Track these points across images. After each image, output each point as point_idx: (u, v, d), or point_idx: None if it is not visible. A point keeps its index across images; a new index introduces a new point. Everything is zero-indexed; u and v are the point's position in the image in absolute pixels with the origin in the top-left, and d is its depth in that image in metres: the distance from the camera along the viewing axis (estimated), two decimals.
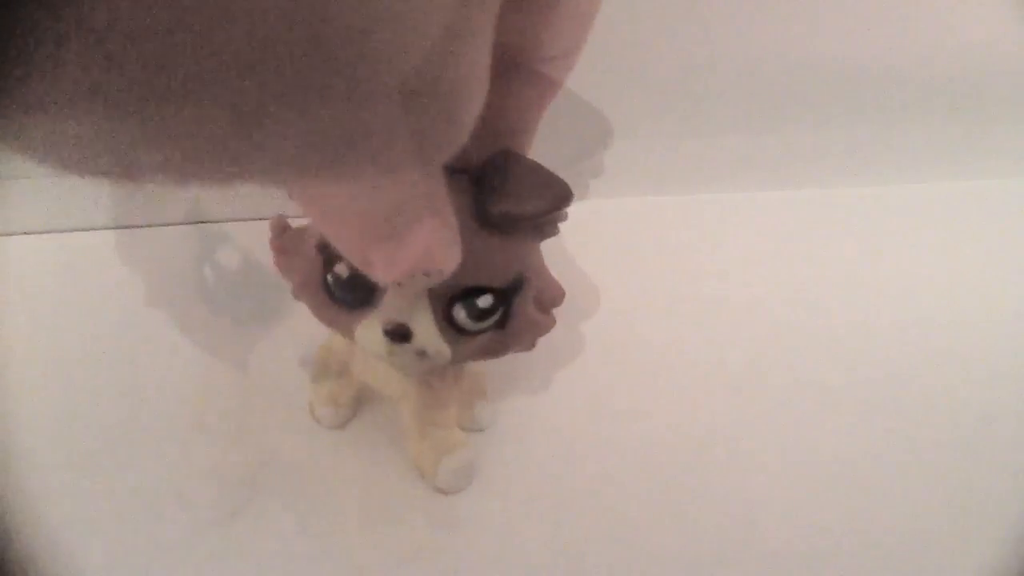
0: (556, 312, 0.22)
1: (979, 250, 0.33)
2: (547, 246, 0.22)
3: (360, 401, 0.26)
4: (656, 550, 0.23)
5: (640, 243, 0.32)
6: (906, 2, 0.30)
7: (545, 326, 0.22)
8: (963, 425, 0.27)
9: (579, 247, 0.31)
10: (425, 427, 0.24)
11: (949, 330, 0.30)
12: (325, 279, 0.20)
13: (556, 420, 0.26)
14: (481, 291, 0.19)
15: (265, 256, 0.22)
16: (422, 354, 0.19)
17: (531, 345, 0.22)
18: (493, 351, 0.21)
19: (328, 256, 0.19)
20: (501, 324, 0.20)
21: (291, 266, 0.21)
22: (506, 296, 0.20)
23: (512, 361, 0.26)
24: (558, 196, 0.19)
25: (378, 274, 0.17)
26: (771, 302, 0.30)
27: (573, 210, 0.21)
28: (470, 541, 0.23)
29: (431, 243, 0.17)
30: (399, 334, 0.19)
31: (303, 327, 0.24)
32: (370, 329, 0.19)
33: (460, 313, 0.19)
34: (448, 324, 0.19)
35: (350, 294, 0.20)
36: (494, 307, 0.19)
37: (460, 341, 0.20)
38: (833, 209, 0.34)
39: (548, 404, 0.27)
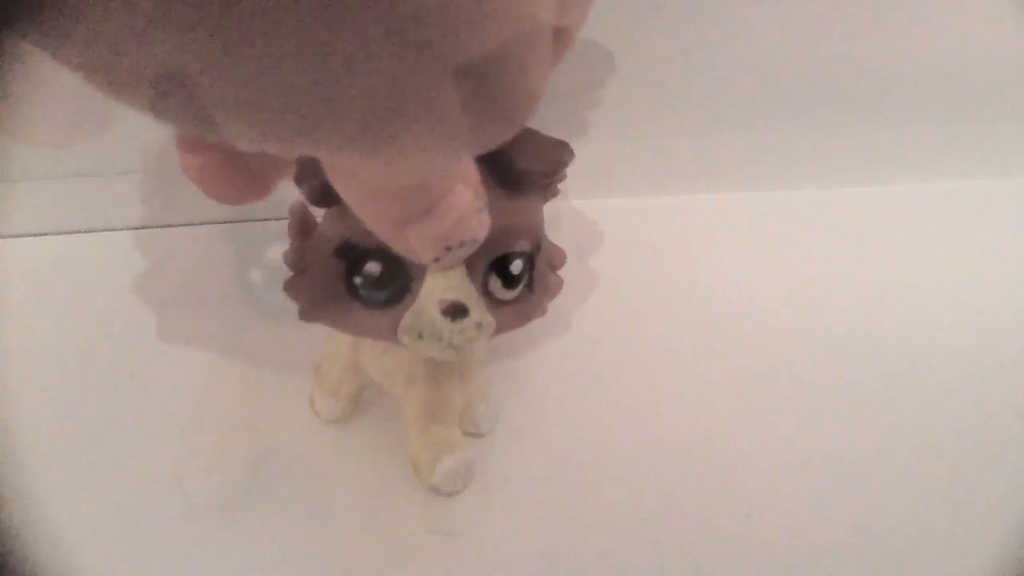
0: (556, 312, 0.22)
1: (979, 250, 0.33)
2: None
3: (360, 396, 0.26)
4: (657, 556, 0.23)
5: (640, 243, 0.32)
6: (906, 3, 0.30)
7: (557, 287, 0.22)
8: (963, 425, 0.27)
9: (579, 247, 0.31)
10: (427, 424, 0.24)
11: (949, 330, 0.30)
12: (351, 284, 0.20)
13: (556, 425, 0.26)
14: (511, 258, 0.20)
15: (264, 256, 0.22)
16: (479, 327, 0.20)
17: (545, 310, 0.22)
18: (525, 316, 0.21)
19: (353, 258, 0.19)
20: (530, 288, 0.21)
21: (301, 285, 0.21)
22: (532, 259, 0.20)
23: (512, 366, 0.26)
24: (567, 151, 0.20)
25: (416, 251, 0.17)
26: (771, 302, 0.30)
27: (573, 210, 0.21)
28: (466, 544, 0.23)
29: (464, 212, 0.17)
30: (457, 309, 0.19)
31: (303, 324, 0.24)
32: (422, 316, 0.19)
33: (496, 283, 0.20)
34: (487, 296, 0.20)
35: (384, 290, 0.19)
36: (523, 272, 0.20)
37: (499, 311, 0.20)
38: (833, 209, 0.34)
39: (548, 409, 0.27)
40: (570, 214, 0.32)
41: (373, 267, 0.19)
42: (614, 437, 0.26)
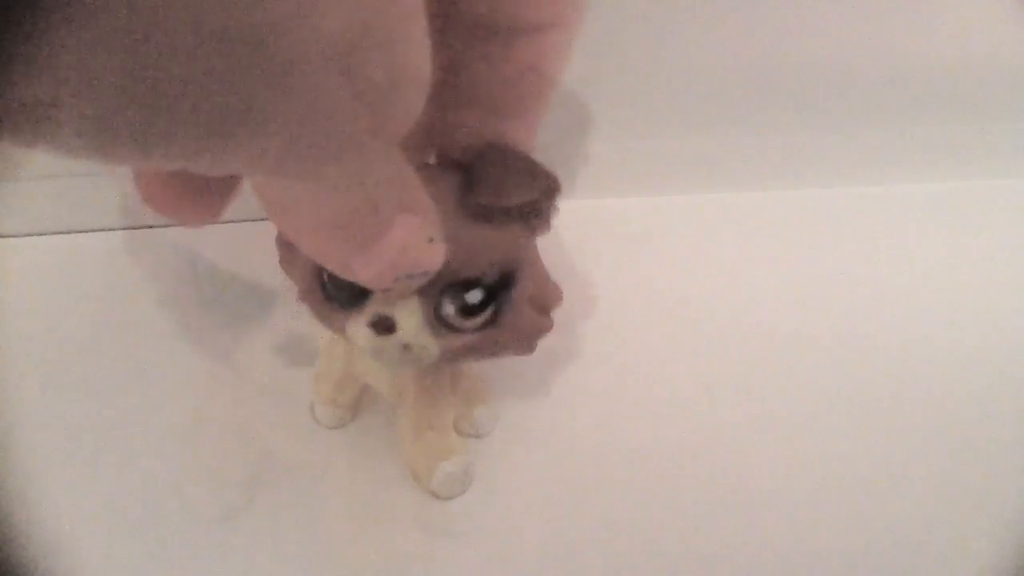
0: (555, 313, 0.22)
1: (979, 250, 0.33)
2: (546, 246, 0.22)
3: (360, 402, 0.26)
4: (656, 559, 0.23)
5: (640, 243, 0.32)
6: (906, 2, 0.30)
7: (543, 328, 0.21)
8: (963, 425, 0.27)
9: (578, 247, 0.31)
10: (421, 431, 0.24)
11: (949, 330, 0.30)
12: (322, 280, 0.20)
13: (555, 426, 0.26)
14: (470, 286, 0.19)
15: (264, 256, 0.22)
16: (407, 348, 0.19)
17: (530, 348, 0.21)
18: (487, 350, 0.20)
19: None
20: (493, 322, 0.20)
21: (293, 273, 0.21)
22: (496, 292, 0.19)
23: (511, 366, 0.26)
24: (544, 187, 0.19)
25: (366, 279, 0.17)
26: (771, 302, 0.30)
27: (572, 210, 0.20)
28: (466, 548, 0.23)
29: (409, 243, 0.16)
30: (383, 326, 0.19)
31: (303, 327, 0.24)
32: (358, 323, 0.19)
33: (448, 308, 0.19)
34: (437, 319, 0.19)
35: (342, 292, 0.20)
36: (484, 303, 0.19)
37: (449, 337, 0.19)
38: (833, 209, 0.34)
39: (547, 410, 0.27)
40: (570, 214, 0.32)
41: None
42: (614, 438, 0.26)
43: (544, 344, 0.22)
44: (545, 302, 0.21)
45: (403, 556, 0.23)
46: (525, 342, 0.21)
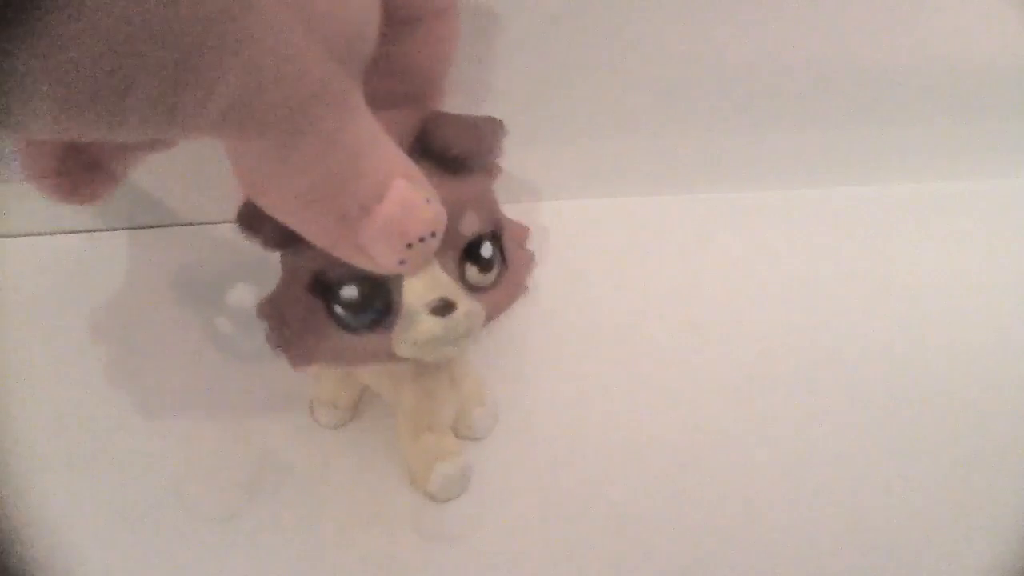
0: (554, 314, 0.22)
1: (979, 250, 0.33)
2: (547, 247, 0.22)
3: (360, 403, 0.26)
4: (655, 560, 0.23)
5: (638, 243, 0.32)
6: (906, 2, 0.30)
7: (529, 261, 0.22)
8: (963, 425, 0.27)
9: (577, 247, 0.31)
10: (419, 432, 0.24)
11: (949, 330, 0.30)
12: (335, 316, 0.19)
13: (553, 428, 0.26)
14: (480, 242, 0.20)
15: (264, 256, 0.22)
16: (469, 316, 0.19)
17: (526, 287, 0.22)
18: (509, 297, 0.21)
19: (328, 286, 0.19)
20: (505, 267, 0.21)
21: (284, 335, 0.20)
22: (498, 238, 0.21)
23: (509, 368, 0.26)
24: (494, 129, 0.20)
25: (379, 258, 0.17)
26: (770, 302, 0.30)
27: (572, 210, 0.20)
28: (463, 549, 0.23)
29: (408, 200, 0.17)
30: (446, 307, 0.19)
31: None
32: (413, 323, 0.19)
33: (472, 271, 0.20)
34: (467, 287, 0.20)
35: (368, 312, 0.19)
36: (494, 253, 0.20)
37: (483, 298, 0.20)
38: (833, 209, 0.34)
39: (545, 412, 0.27)
40: (566, 214, 0.32)
41: (350, 291, 0.19)
42: (613, 439, 0.26)
43: (543, 344, 0.22)
44: (520, 237, 0.22)
45: (401, 557, 0.23)
46: (523, 282, 0.22)
